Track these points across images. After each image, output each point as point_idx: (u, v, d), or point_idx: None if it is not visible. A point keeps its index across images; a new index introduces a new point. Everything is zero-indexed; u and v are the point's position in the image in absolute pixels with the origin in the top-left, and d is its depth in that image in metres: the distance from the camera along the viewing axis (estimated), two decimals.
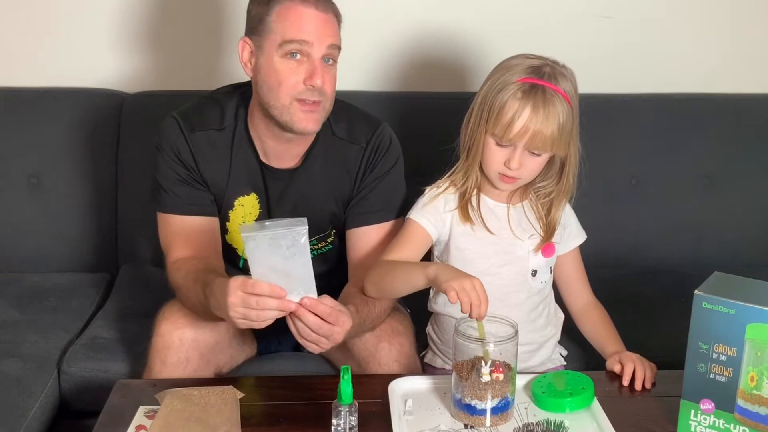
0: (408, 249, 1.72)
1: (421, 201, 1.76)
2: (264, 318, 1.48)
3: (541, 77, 1.62)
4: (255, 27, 1.70)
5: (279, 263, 1.44)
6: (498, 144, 1.65)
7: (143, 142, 2.29)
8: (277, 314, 1.48)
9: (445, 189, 1.76)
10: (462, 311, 1.48)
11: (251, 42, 1.71)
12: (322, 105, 1.69)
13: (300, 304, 1.47)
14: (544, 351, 1.81)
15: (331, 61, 1.69)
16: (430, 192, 1.77)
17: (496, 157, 1.67)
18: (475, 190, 1.74)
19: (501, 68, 1.68)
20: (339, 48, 1.70)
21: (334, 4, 1.71)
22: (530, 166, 1.67)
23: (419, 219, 1.74)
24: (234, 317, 1.48)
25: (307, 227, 1.43)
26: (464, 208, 1.73)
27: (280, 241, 1.43)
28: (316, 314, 1.48)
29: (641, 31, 2.55)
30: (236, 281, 1.47)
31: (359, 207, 1.83)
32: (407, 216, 1.76)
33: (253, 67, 1.72)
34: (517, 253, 1.74)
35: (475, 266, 1.71)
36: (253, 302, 1.46)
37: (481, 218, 1.73)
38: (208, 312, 1.61)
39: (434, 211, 1.74)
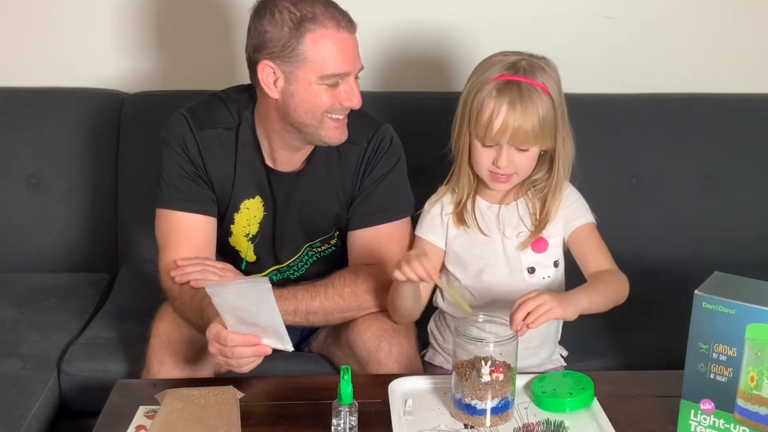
0: None
1: (422, 215, 1.79)
2: (245, 364, 1.52)
3: (516, 72, 1.63)
4: (279, 52, 1.64)
5: (248, 316, 1.47)
6: (483, 145, 1.66)
7: (143, 142, 2.30)
8: (254, 361, 1.52)
9: (443, 195, 1.77)
10: (413, 279, 1.53)
11: (276, 66, 1.66)
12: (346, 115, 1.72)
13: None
14: (545, 350, 1.81)
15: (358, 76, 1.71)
16: (429, 203, 1.79)
17: (483, 157, 1.67)
18: (471, 193, 1.74)
19: (479, 69, 1.69)
20: None
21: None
22: (520, 162, 1.67)
23: (426, 236, 1.77)
24: (220, 362, 1.56)
25: (270, 285, 1.45)
26: (459, 212, 1.74)
27: (245, 297, 1.46)
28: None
29: (641, 31, 2.55)
30: (211, 332, 1.51)
31: (361, 208, 1.83)
32: (415, 234, 1.79)
33: (281, 91, 1.68)
34: (507, 252, 1.74)
35: (470, 268, 1.72)
36: (228, 353, 1.49)
37: (476, 221, 1.74)
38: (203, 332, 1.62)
39: (433, 221, 1.76)
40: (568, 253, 1.78)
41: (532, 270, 1.75)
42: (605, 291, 1.67)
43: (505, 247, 1.74)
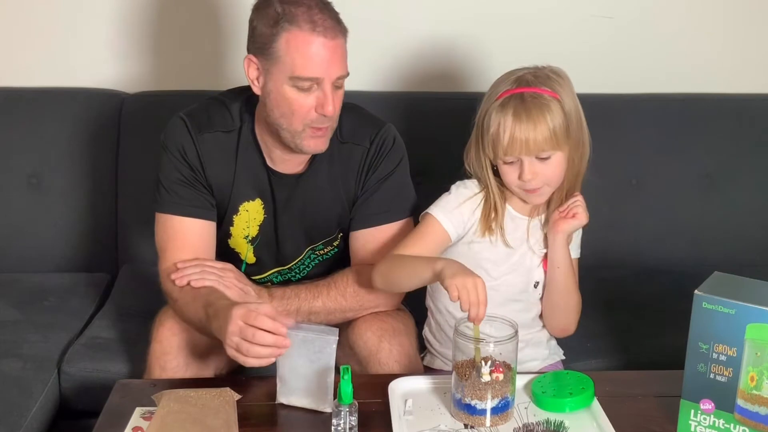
0: (424, 246, 1.70)
1: (447, 199, 1.73)
2: (254, 353, 1.46)
3: (519, 85, 1.62)
4: (261, 48, 1.65)
5: (304, 365, 1.49)
6: (505, 163, 1.65)
7: (143, 142, 2.30)
8: (270, 352, 1.46)
9: (475, 195, 1.73)
10: (462, 309, 1.48)
11: (258, 62, 1.67)
12: (330, 126, 1.70)
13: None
14: (544, 350, 1.81)
15: (339, 84, 1.67)
16: (457, 191, 1.74)
17: (510, 176, 1.66)
18: (502, 203, 1.72)
19: (488, 92, 1.68)
20: (347, 74, 1.67)
21: (339, 20, 1.65)
22: (546, 172, 1.64)
23: (441, 217, 1.71)
24: (228, 345, 1.48)
25: (337, 338, 1.49)
26: (486, 221, 1.72)
27: (310, 345, 1.49)
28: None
29: (641, 31, 2.55)
30: (240, 310, 1.47)
31: (363, 209, 1.82)
32: (427, 211, 1.73)
33: (262, 87, 1.69)
34: (526, 264, 1.74)
35: (482, 270, 1.70)
36: (249, 334, 1.45)
37: (502, 231, 1.72)
38: (206, 331, 1.61)
39: (459, 215, 1.72)
40: None
41: (536, 285, 1.75)
42: (575, 292, 1.76)
43: (526, 259, 1.74)
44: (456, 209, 1.72)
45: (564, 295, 1.75)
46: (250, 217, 1.82)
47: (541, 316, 1.80)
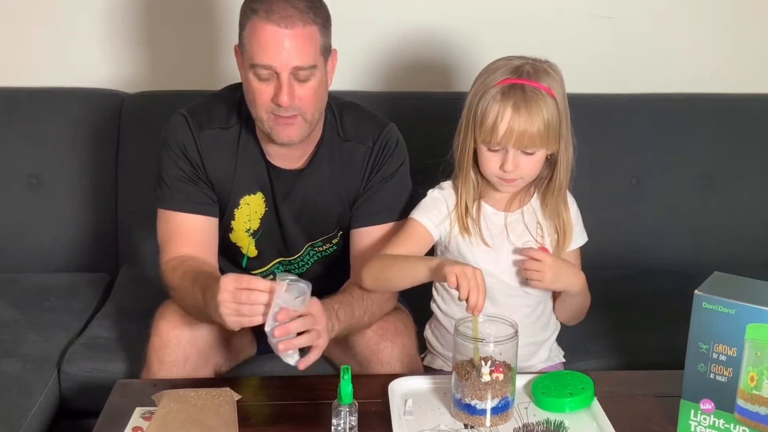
0: (410, 246, 1.72)
1: (424, 201, 1.77)
2: (256, 312, 1.48)
3: (520, 76, 1.62)
4: (239, 36, 1.69)
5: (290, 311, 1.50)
6: (490, 150, 1.65)
7: (143, 142, 2.30)
8: (264, 311, 1.48)
9: (450, 196, 1.75)
10: (459, 298, 1.49)
11: (238, 50, 1.71)
12: (300, 117, 1.68)
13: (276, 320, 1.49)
14: (544, 351, 1.81)
15: (303, 76, 1.64)
16: (432, 193, 1.77)
17: (490, 162, 1.66)
18: (476, 198, 1.74)
19: (483, 73, 1.69)
20: (312, 66, 1.64)
21: (309, 11, 1.63)
22: (527, 165, 1.66)
23: (421, 218, 1.74)
24: (225, 314, 1.49)
25: (311, 288, 1.51)
26: (463, 221, 1.73)
27: (295, 289, 1.49)
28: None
29: (641, 31, 2.55)
30: (228, 278, 1.49)
31: (364, 207, 1.83)
32: (409, 216, 1.76)
33: (242, 75, 1.72)
34: (510, 258, 1.74)
35: None
36: (243, 297, 1.47)
37: (480, 230, 1.73)
38: (204, 315, 1.61)
39: (437, 212, 1.74)
40: None
41: None
42: (581, 304, 1.79)
43: (509, 253, 1.74)
44: (435, 209, 1.75)
45: (578, 314, 1.82)
46: (251, 210, 1.82)
47: (539, 312, 1.80)
